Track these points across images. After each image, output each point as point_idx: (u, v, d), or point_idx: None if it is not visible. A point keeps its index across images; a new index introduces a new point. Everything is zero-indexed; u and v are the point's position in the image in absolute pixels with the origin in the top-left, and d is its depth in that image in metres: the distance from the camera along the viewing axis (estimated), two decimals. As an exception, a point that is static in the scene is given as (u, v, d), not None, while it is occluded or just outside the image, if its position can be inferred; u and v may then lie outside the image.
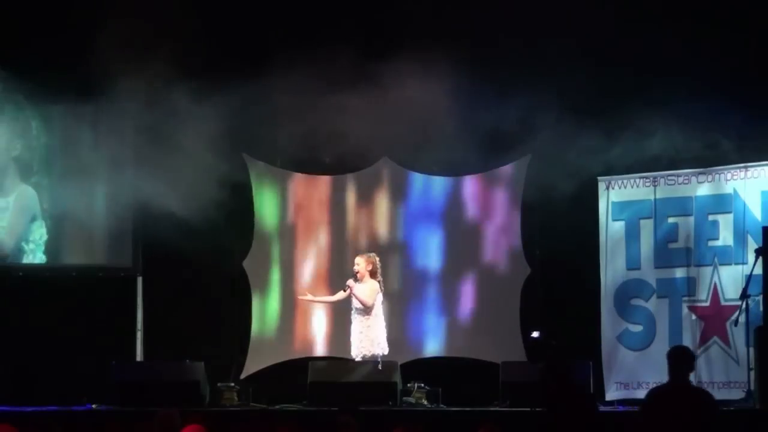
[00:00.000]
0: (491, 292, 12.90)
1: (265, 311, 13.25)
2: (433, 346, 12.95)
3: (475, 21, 12.08)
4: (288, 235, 13.30)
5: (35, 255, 13.07)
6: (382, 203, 13.19)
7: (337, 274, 12.86)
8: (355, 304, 11.56)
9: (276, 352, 13.16)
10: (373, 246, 12.75)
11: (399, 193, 13.19)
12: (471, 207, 13.04)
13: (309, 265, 13.22)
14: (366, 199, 13.22)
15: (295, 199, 13.34)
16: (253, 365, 13.04)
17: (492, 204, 13.00)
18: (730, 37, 11.51)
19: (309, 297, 12.22)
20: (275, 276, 13.28)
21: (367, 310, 11.54)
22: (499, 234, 12.93)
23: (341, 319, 12.19)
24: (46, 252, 13.06)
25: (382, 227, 13.16)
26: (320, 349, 13.07)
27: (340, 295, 11.65)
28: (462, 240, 13.01)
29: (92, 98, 12.99)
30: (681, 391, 8.04)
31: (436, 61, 11.68)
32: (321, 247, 13.23)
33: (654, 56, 11.74)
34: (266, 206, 13.35)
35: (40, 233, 13.10)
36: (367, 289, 11.56)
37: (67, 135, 13.12)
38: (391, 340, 11.72)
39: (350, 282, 11.56)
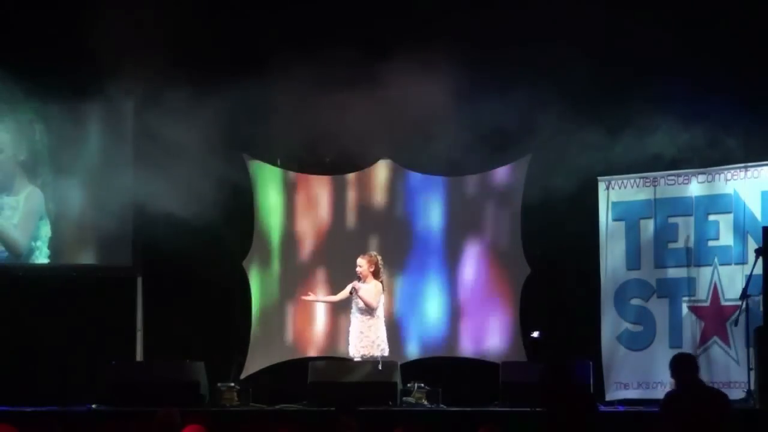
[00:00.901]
0: (491, 292, 12.90)
1: (265, 311, 13.24)
2: (433, 346, 12.95)
3: (475, 21, 12.08)
4: (288, 235, 13.30)
5: (41, 252, 13.09)
6: (382, 203, 13.19)
7: (337, 274, 12.86)
8: (358, 304, 11.55)
9: (276, 352, 13.17)
10: (373, 246, 12.75)
11: (399, 193, 13.19)
12: (471, 207, 13.04)
13: (309, 265, 13.21)
14: (366, 199, 13.22)
15: (295, 199, 13.34)
16: (253, 365, 13.05)
17: (492, 204, 12.99)
18: (730, 37, 11.52)
19: (312, 297, 12.20)
20: (275, 276, 13.28)
21: (370, 310, 11.53)
22: (499, 234, 12.93)
23: (341, 319, 12.21)
24: (50, 249, 13.08)
25: (382, 227, 13.16)
26: (320, 349, 13.07)
27: (343, 295, 11.64)
28: (462, 240, 13.01)
29: (92, 98, 13.00)
30: (695, 392, 8.10)
31: (436, 60, 11.68)
32: (321, 247, 13.22)
33: (654, 56, 11.74)
34: (266, 206, 13.36)
35: (45, 231, 13.14)
36: (371, 290, 11.54)
37: (67, 135, 13.13)
38: (391, 340, 11.71)
39: (356, 284, 11.54)
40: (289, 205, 13.33)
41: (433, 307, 13.03)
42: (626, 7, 11.66)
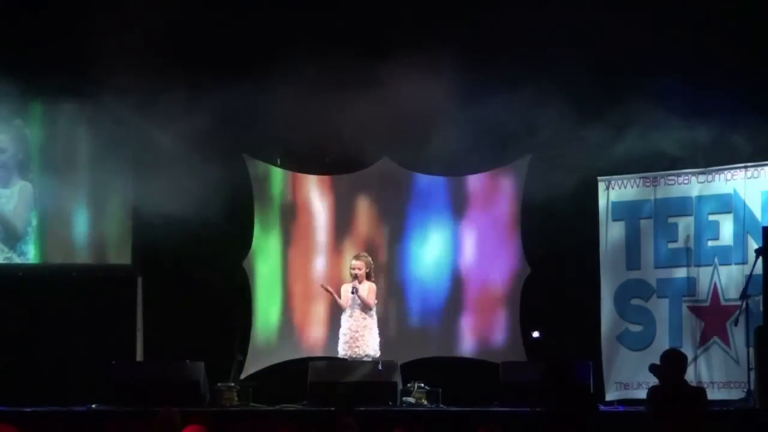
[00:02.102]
0: (491, 292, 12.90)
1: (265, 311, 13.24)
2: (433, 346, 12.95)
3: (475, 21, 12.08)
4: (288, 235, 13.29)
5: (31, 238, 13.09)
6: (382, 203, 13.19)
7: (337, 274, 12.87)
8: (356, 303, 11.56)
9: (276, 352, 13.16)
10: (373, 246, 12.76)
11: (399, 193, 13.19)
12: (471, 207, 13.04)
13: (309, 266, 13.21)
14: (366, 199, 13.22)
15: (295, 199, 13.33)
16: (253, 365, 13.04)
17: (492, 204, 12.99)
18: (730, 38, 11.51)
19: (329, 288, 11.98)
20: (275, 276, 13.28)
21: (367, 310, 11.56)
22: (499, 234, 12.93)
23: (340, 319, 12.20)
24: (39, 240, 13.09)
25: (382, 227, 13.16)
26: (320, 349, 13.06)
27: (347, 297, 11.65)
28: (462, 240, 13.01)
29: (92, 98, 13.00)
30: (677, 389, 8.17)
31: (436, 60, 11.68)
32: (321, 247, 13.22)
33: (654, 56, 11.74)
34: (266, 206, 13.35)
35: (34, 222, 13.18)
36: (369, 290, 11.59)
37: (67, 135, 13.14)
38: (391, 340, 11.69)
39: (356, 284, 11.57)
40: (289, 205, 13.32)
41: (433, 307, 13.02)
42: (627, 5, 11.66)
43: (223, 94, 11.94)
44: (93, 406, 11.25)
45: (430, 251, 13.07)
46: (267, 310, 13.25)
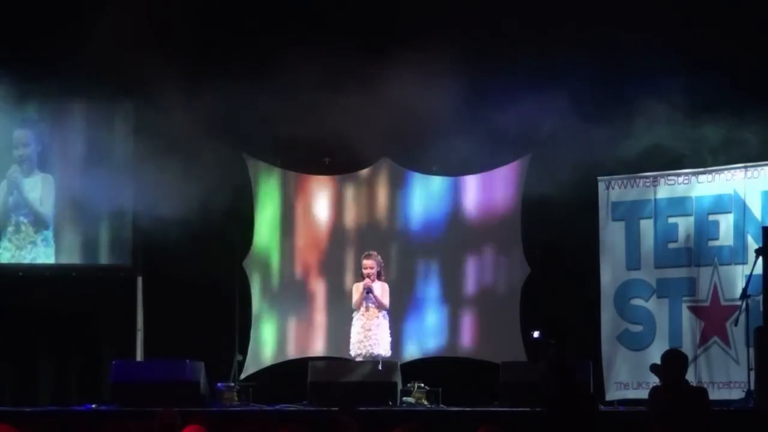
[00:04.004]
0: (491, 292, 12.90)
1: (265, 311, 13.24)
2: (433, 346, 12.95)
3: (475, 21, 12.08)
4: (288, 235, 13.29)
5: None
6: (382, 203, 13.19)
7: (337, 274, 12.87)
8: (369, 302, 11.55)
9: (276, 352, 13.16)
10: (373, 246, 12.76)
11: (399, 194, 13.18)
12: (471, 207, 13.04)
13: (309, 266, 13.21)
14: (366, 199, 13.22)
15: (295, 199, 13.33)
16: (253, 365, 13.05)
17: (492, 204, 12.99)
18: (730, 38, 11.51)
19: (369, 289, 11.67)
20: (275, 276, 13.28)
21: (381, 309, 11.57)
22: (499, 234, 12.93)
23: (341, 319, 12.20)
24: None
25: (382, 227, 13.16)
26: (320, 349, 13.07)
27: (360, 297, 11.62)
28: (462, 240, 13.00)
29: (92, 97, 13.01)
30: (679, 389, 8.18)
31: (436, 60, 11.68)
32: (321, 247, 13.22)
33: (655, 56, 11.74)
34: (266, 206, 13.35)
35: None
36: (383, 290, 11.62)
37: (67, 135, 13.14)
38: (391, 340, 11.69)
39: (368, 282, 11.55)
40: (289, 205, 13.32)
41: (433, 307, 13.02)
42: (627, 4, 11.66)
43: (223, 93, 11.94)
44: (93, 406, 11.26)
45: (430, 251, 13.06)
46: (267, 310, 13.24)
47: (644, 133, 11.81)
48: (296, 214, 13.31)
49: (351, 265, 12.75)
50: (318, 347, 13.11)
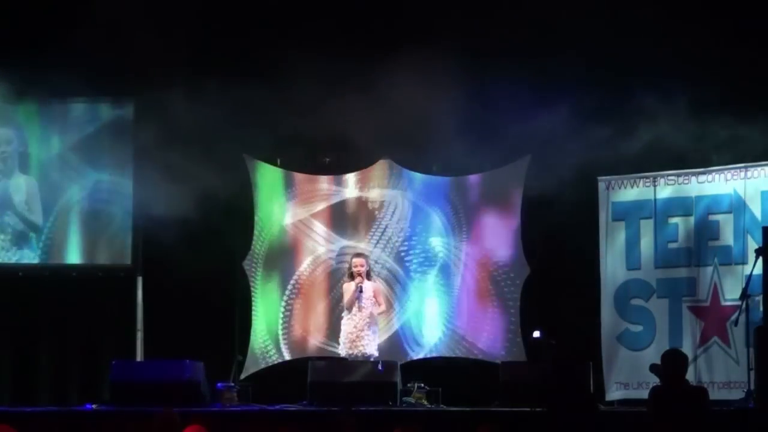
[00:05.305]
0: (491, 292, 12.90)
1: (265, 311, 13.24)
2: (432, 346, 12.95)
3: (475, 21, 12.08)
4: (288, 235, 13.29)
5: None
6: (382, 203, 13.19)
7: (337, 274, 12.87)
8: (360, 302, 11.58)
9: (276, 352, 13.16)
10: (374, 246, 12.76)
11: (399, 194, 13.18)
12: (471, 207, 13.03)
13: (309, 266, 13.21)
14: (366, 199, 13.22)
15: (295, 199, 13.33)
16: (253, 365, 13.05)
17: (492, 204, 12.98)
18: (730, 38, 11.51)
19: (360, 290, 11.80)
20: (275, 276, 13.28)
21: (375, 308, 11.63)
22: (499, 234, 12.92)
23: (341, 319, 12.20)
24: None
25: (382, 227, 13.16)
26: (320, 349, 13.06)
27: (353, 296, 11.66)
28: (462, 240, 13.00)
29: (91, 97, 13.01)
30: (679, 389, 8.19)
31: (436, 60, 11.68)
32: (321, 247, 13.22)
33: (655, 56, 11.74)
34: (266, 206, 13.35)
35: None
36: (378, 289, 11.71)
37: (66, 134, 13.14)
38: (391, 340, 11.69)
39: (361, 283, 11.59)
40: (289, 205, 13.32)
41: (433, 307, 13.02)
42: (627, 4, 11.66)
43: (223, 94, 11.95)
44: (93, 406, 11.26)
45: (430, 251, 13.06)
46: (267, 310, 13.24)
47: (644, 133, 11.81)
48: (296, 213, 13.30)
49: (351, 264, 12.73)
50: (318, 347, 13.10)
